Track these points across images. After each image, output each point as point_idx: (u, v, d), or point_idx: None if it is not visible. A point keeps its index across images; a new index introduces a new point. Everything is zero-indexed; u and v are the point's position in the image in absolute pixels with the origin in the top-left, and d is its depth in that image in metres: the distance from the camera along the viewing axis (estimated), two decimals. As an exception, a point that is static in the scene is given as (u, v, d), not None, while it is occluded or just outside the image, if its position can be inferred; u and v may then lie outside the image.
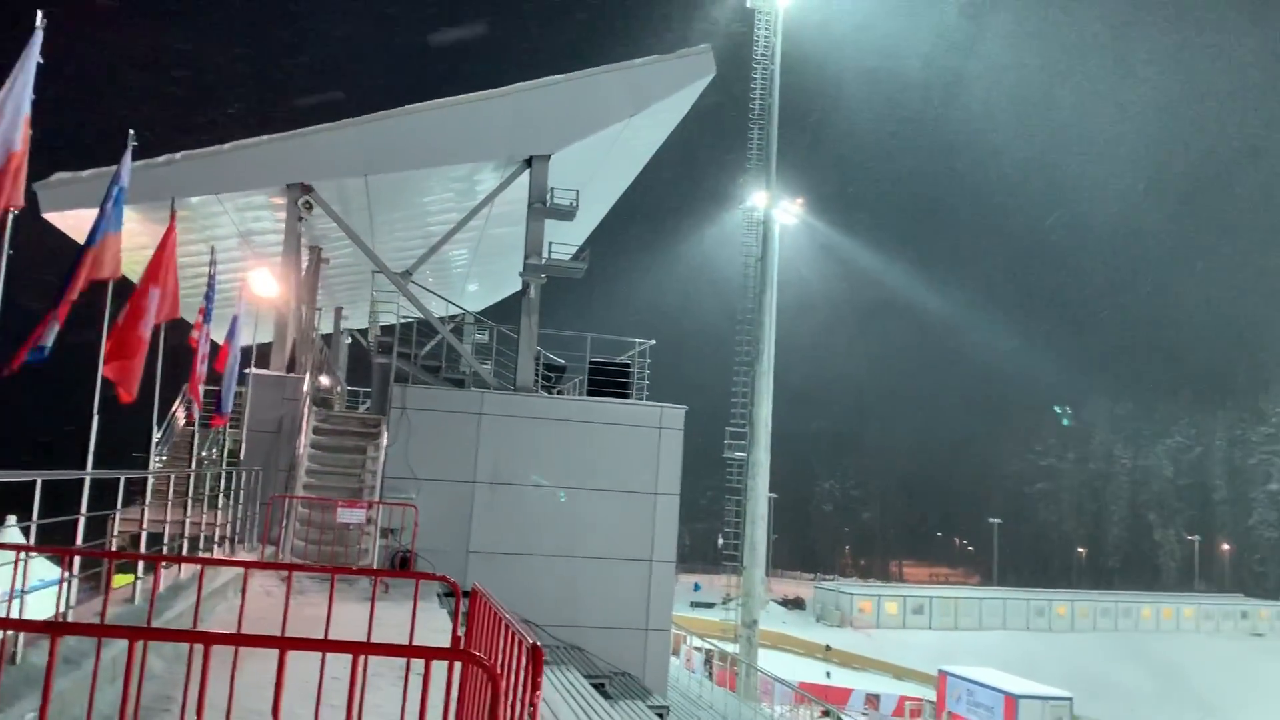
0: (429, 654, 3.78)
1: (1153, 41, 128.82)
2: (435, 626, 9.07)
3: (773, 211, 40.69)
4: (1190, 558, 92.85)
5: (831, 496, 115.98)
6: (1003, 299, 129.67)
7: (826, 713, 25.08)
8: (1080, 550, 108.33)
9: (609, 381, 19.03)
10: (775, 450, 48.63)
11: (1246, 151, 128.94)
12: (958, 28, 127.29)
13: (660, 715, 15.78)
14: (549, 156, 18.84)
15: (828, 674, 46.23)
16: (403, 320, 19.21)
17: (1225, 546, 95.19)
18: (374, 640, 4.65)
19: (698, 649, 35.29)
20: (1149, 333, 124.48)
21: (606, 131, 19.33)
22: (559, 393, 19.93)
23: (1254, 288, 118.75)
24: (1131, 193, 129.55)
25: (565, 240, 20.39)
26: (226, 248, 18.47)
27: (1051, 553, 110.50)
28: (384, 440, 17.00)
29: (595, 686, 15.24)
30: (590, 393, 18.99)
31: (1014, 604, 63.00)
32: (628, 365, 19.41)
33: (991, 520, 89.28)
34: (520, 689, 4.51)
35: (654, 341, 19.40)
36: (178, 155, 16.77)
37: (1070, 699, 33.79)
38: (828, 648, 52.61)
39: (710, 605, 55.01)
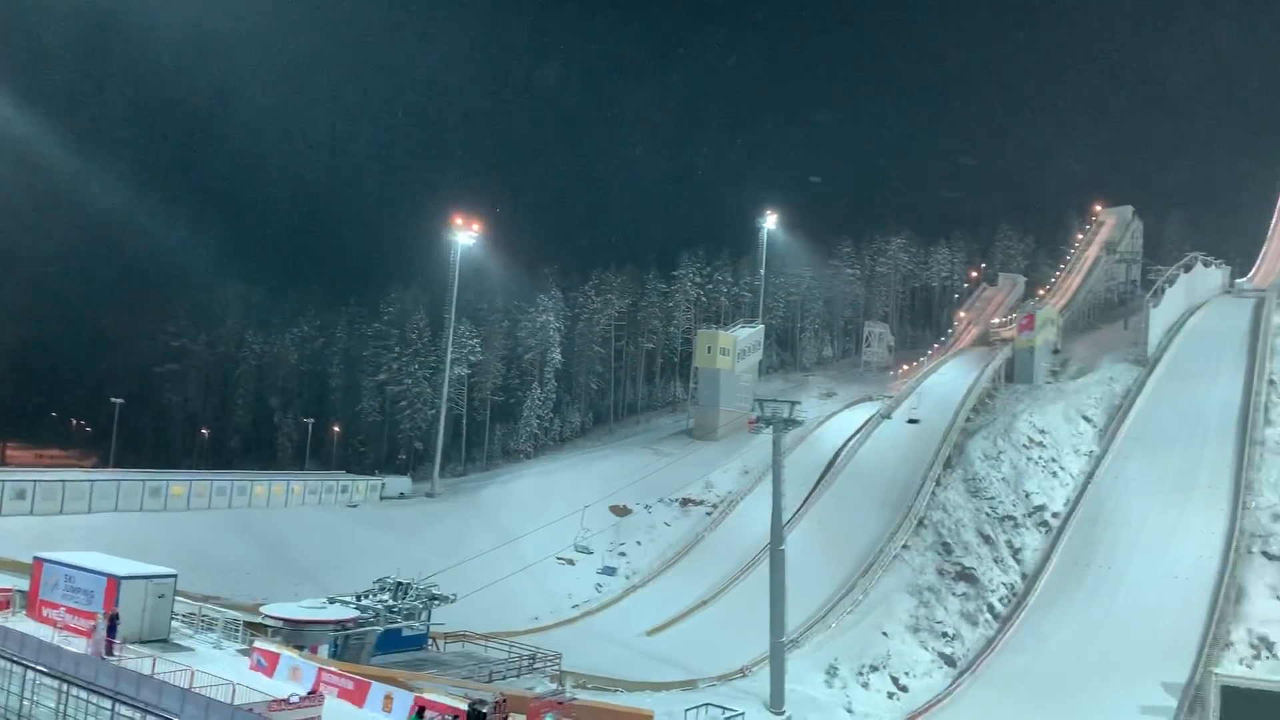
0: None
1: None
2: None
3: None
4: (305, 439, 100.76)
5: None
6: (154, 178, 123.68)
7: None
8: (204, 431, 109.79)
9: None
10: None
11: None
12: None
13: None
14: None
15: (-109, 574, 39.44)
16: None
17: (336, 429, 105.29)
18: None
19: None
20: (297, 233, 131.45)
21: None
22: None
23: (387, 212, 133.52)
24: (322, 113, 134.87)
25: None
26: None
27: (175, 434, 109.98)
28: None
29: None
30: None
31: (128, 485, 61.13)
32: None
33: (114, 400, 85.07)
34: None
35: None
36: None
37: (175, 575, 34.06)
38: (-108, 544, 44.83)
39: None
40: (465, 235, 78.85)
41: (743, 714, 41.16)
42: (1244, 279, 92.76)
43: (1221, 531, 54.04)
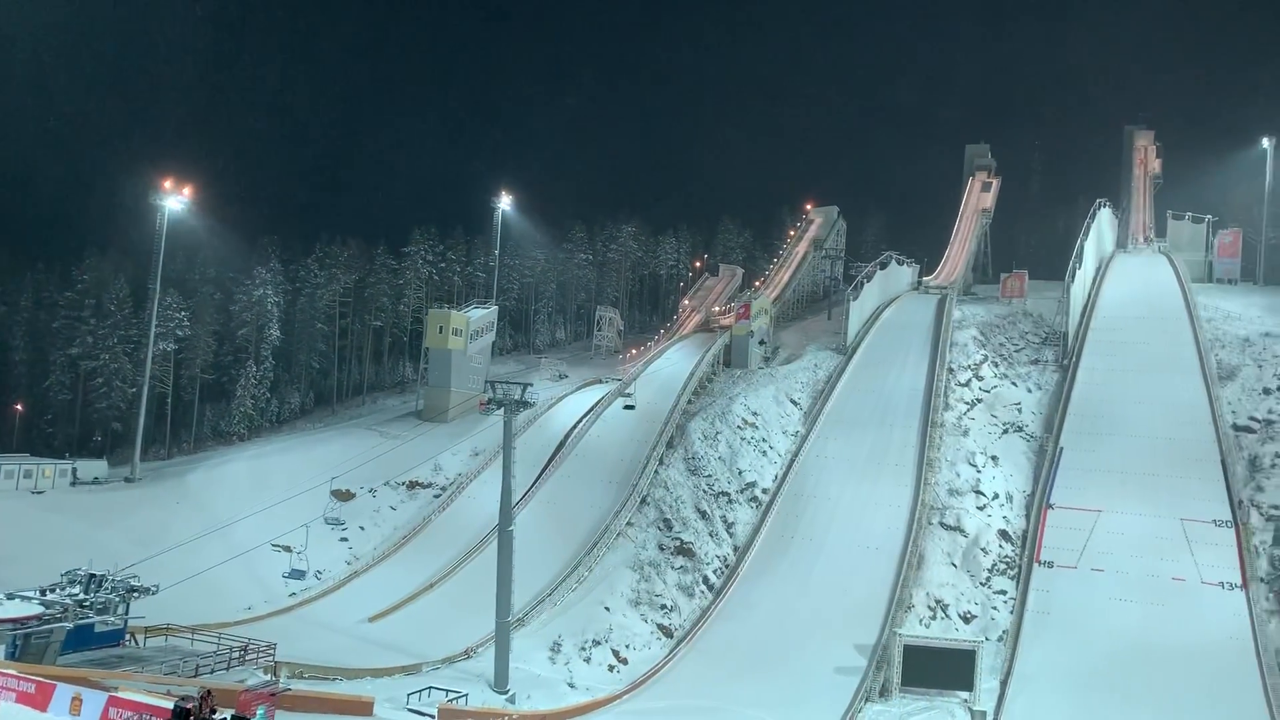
0: None
1: None
2: None
3: None
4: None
5: None
6: None
7: None
8: None
9: None
10: None
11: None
12: None
13: None
14: None
15: None
16: None
17: (19, 407, 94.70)
18: None
19: None
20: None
21: None
22: None
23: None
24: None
25: None
26: None
27: None
28: None
29: None
30: None
31: None
32: None
33: None
34: None
35: None
36: None
37: None
38: None
39: None
40: (175, 200, 73.16)
41: (466, 695, 41.25)
42: (930, 277, 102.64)
43: (907, 505, 59.80)
